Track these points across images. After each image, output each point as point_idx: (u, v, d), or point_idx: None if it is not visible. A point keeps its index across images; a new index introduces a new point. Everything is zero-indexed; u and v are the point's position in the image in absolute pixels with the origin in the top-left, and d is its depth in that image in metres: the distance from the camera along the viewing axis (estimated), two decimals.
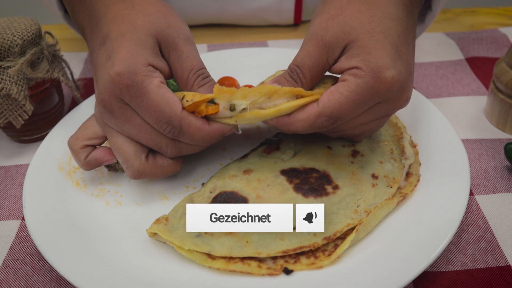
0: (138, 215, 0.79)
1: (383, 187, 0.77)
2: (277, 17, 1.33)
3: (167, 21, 0.75)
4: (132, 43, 0.71)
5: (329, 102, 0.68)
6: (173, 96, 0.70)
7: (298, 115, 0.70)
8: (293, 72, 0.72)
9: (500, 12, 1.38)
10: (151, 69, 0.70)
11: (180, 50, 0.74)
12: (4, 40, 0.85)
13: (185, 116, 0.70)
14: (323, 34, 0.70)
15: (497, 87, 0.94)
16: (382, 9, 0.70)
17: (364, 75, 0.66)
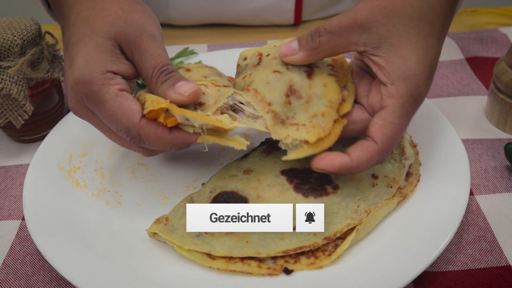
0: (138, 215, 0.79)
1: (383, 187, 0.77)
2: (277, 17, 1.33)
3: (129, 19, 0.72)
4: (89, 49, 0.69)
5: (385, 136, 0.67)
6: (132, 105, 0.68)
7: (360, 157, 0.67)
8: (316, 31, 0.70)
9: (500, 12, 1.38)
10: (108, 76, 0.68)
11: (143, 48, 0.71)
12: (4, 40, 0.85)
13: (143, 126, 0.67)
14: (365, 16, 0.68)
15: (497, 87, 0.94)
16: (431, 26, 0.70)
17: (400, 94, 0.67)
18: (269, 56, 0.77)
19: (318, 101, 0.72)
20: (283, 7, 1.30)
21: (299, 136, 0.69)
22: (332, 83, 0.74)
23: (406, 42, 0.68)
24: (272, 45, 0.81)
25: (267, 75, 0.74)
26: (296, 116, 0.71)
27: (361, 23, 0.68)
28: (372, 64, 0.71)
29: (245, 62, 0.81)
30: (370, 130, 0.68)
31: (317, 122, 0.70)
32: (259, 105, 0.71)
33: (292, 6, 1.30)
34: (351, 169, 0.68)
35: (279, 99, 0.71)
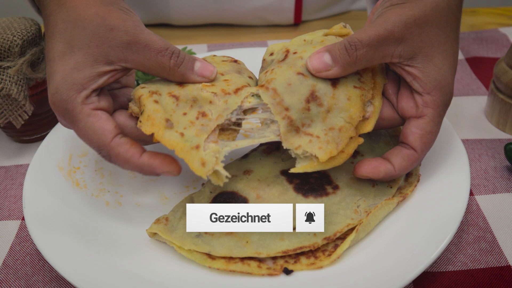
0: (138, 215, 0.79)
1: (383, 187, 0.77)
2: (277, 16, 1.33)
3: (107, 23, 0.69)
4: (68, 67, 0.68)
5: (425, 144, 0.72)
6: (104, 125, 0.67)
7: (402, 165, 0.72)
8: (351, 46, 0.68)
9: (500, 12, 1.38)
10: (84, 95, 0.68)
11: (136, 42, 0.68)
12: (4, 40, 0.85)
13: (113, 147, 0.67)
14: (401, 28, 0.68)
15: (497, 87, 0.94)
16: (454, 31, 0.72)
17: (437, 104, 0.70)
18: (296, 55, 0.74)
19: (338, 114, 0.70)
20: (283, 6, 1.30)
21: (310, 150, 0.68)
22: (356, 98, 0.71)
23: (438, 51, 0.70)
24: (301, 40, 0.78)
25: (290, 75, 0.71)
26: (312, 124, 0.69)
27: (398, 36, 0.68)
28: (405, 74, 0.72)
29: (271, 58, 0.79)
30: (409, 139, 0.72)
31: (332, 137, 0.69)
32: (276, 108, 0.69)
33: (292, 6, 1.30)
34: (393, 176, 0.73)
35: (298, 104, 0.69)
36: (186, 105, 0.69)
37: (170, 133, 0.68)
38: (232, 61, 0.79)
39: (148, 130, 0.68)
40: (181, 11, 1.32)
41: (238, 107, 0.69)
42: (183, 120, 0.68)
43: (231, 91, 0.70)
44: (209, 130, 0.68)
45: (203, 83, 0.71)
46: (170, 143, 0.67)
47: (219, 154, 0.66)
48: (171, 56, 0.69)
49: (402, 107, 0.74)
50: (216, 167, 0.65)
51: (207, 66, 0.72)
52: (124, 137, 0.68)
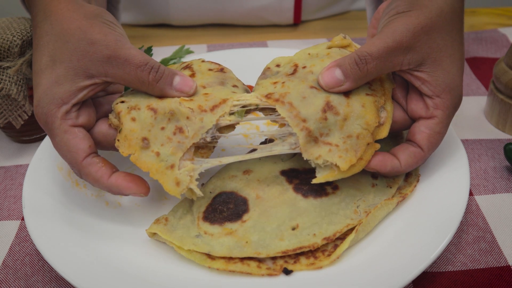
0: (138, 215, 0.79)
1: (383, 187, 0.77)
2: (277, 16, 1.33)
3: (88, 37, 0.70)
4: (49, 80, 0.70)
5: (432, 144, 0.73)
6: (78, 143, 0.70)
7: (408, 162, 0.73)
8: (361, 60, 0.69)
9: (500, 12, 1.39)
10: (64, 110, 0.70)
11: (116, 57, 0.69)
12: (4, 41, 0.85)
13: (85, 166, 0.70)
14: (409, 38, 0.69)
15: (497, 87, 0.94)
16: (459, 33, 0.74)
17: (446, 106, 0.72)
18: (305, 69, 0.75)
19: (355, 121, 0.71)
20: (282, 6, 1.30)
21: (331, 159, 0.68)
22: (370, 104, 0.72)
23: (445, 55, 0.71)
24: (305, 54, 0.80)
25: (303, 89, 0.72)
26: (330, 133, 0.70)
27: (407, 45, 0.69)
28: (414, 79, 0.73)
29: (277, 69, 0.79)
30: (416, 137, 0.73)
31: (350, 144, 0.70)
32: (293, 121, 0.69)
33: (291, 6, 1.30)
34: (399, 171, 0.74)
35: (315, 115, 0.69)
36: (164, 119, 0.70)
37: (146, 153, 0.70)
38: (218, 70, 0.79)
39: (126, 151, 0.71)
40: (180, 11, 1.32)
41: (213, 126, 0.70)
42: (160, 136, 0.70)
43: (207, 108, 0.71)
44: (184, 148, 0.69)
45: (181, 98, 0.72)
46: (146, 165, 0.70)
47: (194, 172, 0.69)
48: (150, 71, 0.70)
49: (412, 109, 0.75)
50: (190, 186, 0.68)
51: (186, 81, 0.72)
52: (96, 157, 0.71)
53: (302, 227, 0.71)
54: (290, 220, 0.72)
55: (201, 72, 0.78)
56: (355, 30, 1.34)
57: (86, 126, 0.73)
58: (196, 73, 0.78)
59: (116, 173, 0.71)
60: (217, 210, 0.74)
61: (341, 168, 0.68)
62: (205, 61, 0.81)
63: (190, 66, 0.80)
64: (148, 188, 0.72)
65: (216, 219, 0.73)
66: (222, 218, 0.73)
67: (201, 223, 0.73)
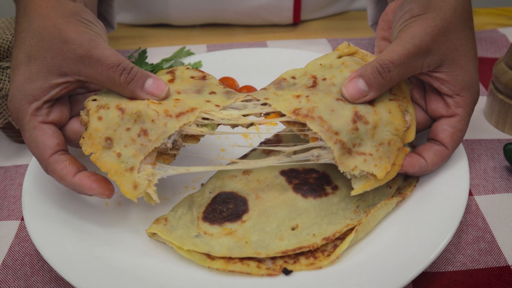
0: (137, 215, 0.79)
1: (383, 187, 0.77)
2: (276, 15, 1.33)
3: (63, 36, 0.70)
4: (23, 77, 0.71)
5: (455, 142, 0.75)
6: (46, 140, 0.71)
7: (434, 161, 0.74)
8: (384, 69, 0.70)
9: (500, 12, 1.39)
10: (35, 106, 0.71)
11: (89, 57, 0.70)
12: (3, 41, 0.85)
13: (51, 163, 0.71)
14: (428, 41, 0.70)
15: (496, 87, 0.94)
16: (471, 31, 0.75)
17: (467, 104, 0.74)
18: (326, 81, 0.75)
19: (384, 128, 0.71)
20: (282, 5, 1.30)
21: (367, 169, 0.69)
22: (396, 109, 0.73)
23: (462, 54, 0.73)
24: (317, 64, 0.80)
25: (330, 102, 0.71)
26: (362, 143, 0.70)
27: (426, 49, 0.70)
28: (433, 80, 0.74)
29: (294, 81, 0.78)
30: (440, 136, 0.75)
31: (383, 152, 0.70)
32: (326, 134, 0.69)
33: (290, 5, 1.30)
34: (426, 171, 0.75)
35: (346, 126, 0.70)
36: (131, 119, 0.70)
37: (107, 153, 0.70)
38: (200, 78, 0.79)
39: (88, 150, 0.71)
40: (180, 10, 1.32)
41: (175, 132, 0.70)
42: (125, 136, 0.70)
43: (173, 114, 0.70)
44: (146, 151, 0.69)
45: (151, 100, 0.72)
46: (105, 165, 0.70)
47: (153, 177, 0.69)
48: (121, 72, 0.70)
49: (432, 109, 0.76)
50: (148, 190, 0.68)
51: (158, 84, 0.72)
52: (63, 155, 0.71)
53: (301, 227, 0.71)
54: (289, 220, 0.72)
55: (182, 78, 0.78)
56: (355, 30, 1.34)
57: (58, 123, 0.73)
58: (176, 78, 0.78)
59: (81, 173, 0.71)
60: (217, 210, 0.74)
61: (378, 176, 0.69)
62: (190, 69, 0.81)
63: (173, 72, 0.80)
64: (112, 190, 0.71)
65: (215, 219, 0.73)
66: (222, 218, 0.73)
67: (200, 223, 0.73)
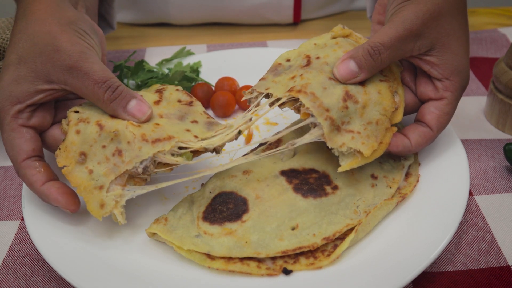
0: (137, 215, 0.79)
1: (383, 187, 0.77)
2: (277, 14, 1.33)
3: (56, 44, 0.71)
4: (10, 78, 0.71)
5: (441, 124, 0.76)
6: (22, 144, 0.71)
7: (418, 141, 0.75)
8: (375, 51, 0.71)
9: (500, 12, 1.38)
10: (17, 109, 0.71)
11: (77, 69, 0.71)
12: (3, 41, 0.85)
13: (23, 167, 0.71)
14: (419, 25, 0.71)
15: (497, 87, 0.94)
16: (464, 17, 0.76)
17: (455, 88, 0.75)
18: (320, 60, 0.77)
19: (373, 108, 0.73)
20: (282, 4, 1.30)
21: (354, 146, 0.70)
22: (386, 90, 0.75)
23: (453, 39, 0.74)
24: (311, 44, 0.81)
25: (323, 80, 0.73)
26: (351, 121, 0.72)
27: (417, 32, 0.71)
28: (423, 63, 0.75)
29: (289, 63, 0.80)
30: (426, 117, 0.76)
31: (371, 131, 0.72)
32: (317, 110, 0.70)
33: (291, 3, 1.30)
34: (410, 151, 0.76)
35: (337, 104, 0.71)
36: (108, 137, 0.71)
37: (80, 169, 0.70)
38: (187, 103, 0.79)
39: (61, 162, 0.71)
40: (180, 9, 1.32)
41: (148, 157, 0.70)
42: (100, 153, 0.70)
43: (150, 139, 0.70)
44: (118, 172, 0.69)
45: (130, 121, 0.72)
46: (76, 180, 0.70)
47: (121, 198, 0.69)
48: (106, 90, 0.71)
49: (421, 91, 0.77)
50: (114, 211, 0.68)
51: (141, 107, 0.72)
52: (37, 161, 0.72)
53: (301, 227, 0.71)
54: (289, 220, 0.72)
55: (168, 101, 0.79)
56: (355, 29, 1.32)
57: (38, 128, 0.74)
58: (162, 100, 0.79)
59: (50, 182, 0.71)
60: (217, 210, 0.74)
61: (364, 154, 0.70)
62: (180, 90, 0.81)
63: (161, 92, 0.80)
64: (77, 206, 0.72)
65: (216, 219, 0.73)
66: (222, 218, 0.73)
67: (200, 223, 0.73)
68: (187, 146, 0.71)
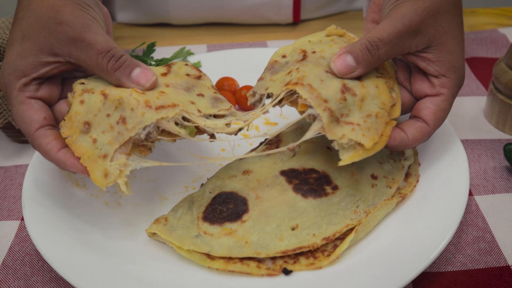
0: (137, 215, 0.79)
1: (383, 187, 0.77)
2: (276, 14, 1.33)
3: (58, 17, 0.71)
4: (15, 53, 0.72)
5: (437, 120, 0.75)
6: (32, 115, 0.71)
7: (415, 136, 0.74)
8: (373, 46, 0.71)
9: (500, 12, 1.39)
10: (23, 82, 0.71)
11: (80, 40, 0.70)
12: (3, 41, 0.85)
13: (36, 137, 0.71)
14: (417, 22, 0.71)
15: (497, 88, 0.94)
16: (460, 16, 0.76)
17: (452, 84, 0.75)
18: (316, 54, 0.76)
19: (372, 101, 0.72)
20: (281, 3, 1.30)
21: (355, 138, 0.69)
22: (383, 85, 0.74)
23: (450, 37, 0.74)
24: (306, 41, 0.81)
25: (320, 73, 0.72)
26: (350, 113, 0.71)
27: (415, 29, 0.71)
28: (419, 60, 0.75)
29: (285, 59, 0.80)
30: (423, 113, 0.75)
31: (371, 123, 0.71)
32: (315, 101, 0.69)
33: (290, 3, 1.30)
34: (406, 145, 0.75)
35: (335, 95, 0.70)
36: (112, 106, 0.70)
37: (84, 138, 0.70)
38: (195, 77, 0.78)
39: (66, 133, 0.71)
40: (180, 9, 1.32)
41: (152, 123, 0.68)
42: (104, 122, 0.70)
43: (154, 105, 0.69)
44: (122, 140, 0.68)
45: (135, 89, 0.71)
46: (79, 149, 0.69)
47: (125, 168, 0.68)
48: (110, 59, 0.71)
49: (416, 89, 0.77)
50: (118, 180, 0.67)
51: (145, 74, 0.72)
52: (50, 130, 0.72)
53: (301, 227, 0.71)
54: (289, 220, 0.72)
55: (176, 74, 0.78)
56: (355, 29, 1.33)
57: (47, 100, 0.74)
58: (170, 73, 0.78)
59: (66, 149, 0.71)
60: (217, 210, 0.74)
61: (366, 146, 0.68)
62: (189, 65, 0.80)
63: (170, 66, 0.80)
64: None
65: (215, 219, 0.73)
66: (222, 218, 0.73)
67: (200, 223, 0.73)
68: (190, 119, 0.70)
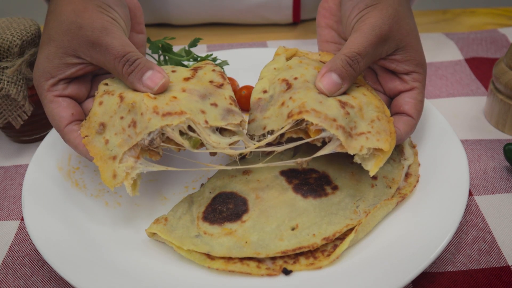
0: (137, 215, 0.79)
1: (382, 187, 0.77)
2: (276, 14, 1.33)
3: (79, 21, 0.74)
4: (43, 56, 0.76)
5: (418, 111, 0.80)
6: (61, 112, 0.75)
7: (406, 130, 0.79)
8: (353, 61, 0.75)
9: (500, 12, 1.39)
10: (51, 82, 0.76)
11: (98, 44, 0.73)
12: (3, 41, 0.85)
13: (66, 133, 0.76)
14: (386, 30, 0.76)
15: (497, 88, 0.94)
16: (412, 14, 0.83)
17: (422, 78, 0.81)
18: (299, 80, 0.77)
19: (368, 108, 0.75)
20: (281, 3, 1.30)
21: (372, 145, 0.71)
22: (367, 92, 0.78)
23: (412, 37, 0.80)
24: (271, 69, 0.83)
25: (315, 95, 0.73)
26: (357, 125, 0.73)
27: (385, 37, 0.77)
28: (389, 62, 0.81)
29: (268, 94, 0.79)
30: (404, 107, 0.80)
31: (378, 127, 0.73)
32: (326, 123, 0.70)
33: (290, 3, 1.30)
34: (401, 139, 0.79)
35: (339, 112, 0.72)
36: (126, 109, 0.72)
37: (98, 139, 0.73)
38: (218, 85, 0.77)
39: (84, 132, 0.74)
40: (180, 9, 1.32)
41: (156, 130, 0.68)
42: (117, 124, 0.72)
43: (161, 112, 0.69)
44: (131, 143, 0.70)
45: (147, 93, 0.72)
46: (94, 150, 0.72)
47: (132, 170, 0.70)
48: (124, 64, 0.73)
49: (389, 88, 0.83)
50: (124, 183, 0.69)
51: (154, 77, 0.73)
52: (78, 125, 0.76)
53: (301, 227, 0.71)
54: (289, 220, 0.72)
55: (199, 79, 0.78)
56: None
57: (75, 97, 0.78)
58: (194, 77, 0.78)
59: None
60: (217, 210, 0.74)
61: (384, 149, 0.71)
62: (216, 71, 0.80)
63: (197, 70, 0.80)
64: None
65: (215, 219, 0.73)
66: (222, 218, 0.73)
67: (200, 223, 0.73)
68: (195, 129, 0.70)
